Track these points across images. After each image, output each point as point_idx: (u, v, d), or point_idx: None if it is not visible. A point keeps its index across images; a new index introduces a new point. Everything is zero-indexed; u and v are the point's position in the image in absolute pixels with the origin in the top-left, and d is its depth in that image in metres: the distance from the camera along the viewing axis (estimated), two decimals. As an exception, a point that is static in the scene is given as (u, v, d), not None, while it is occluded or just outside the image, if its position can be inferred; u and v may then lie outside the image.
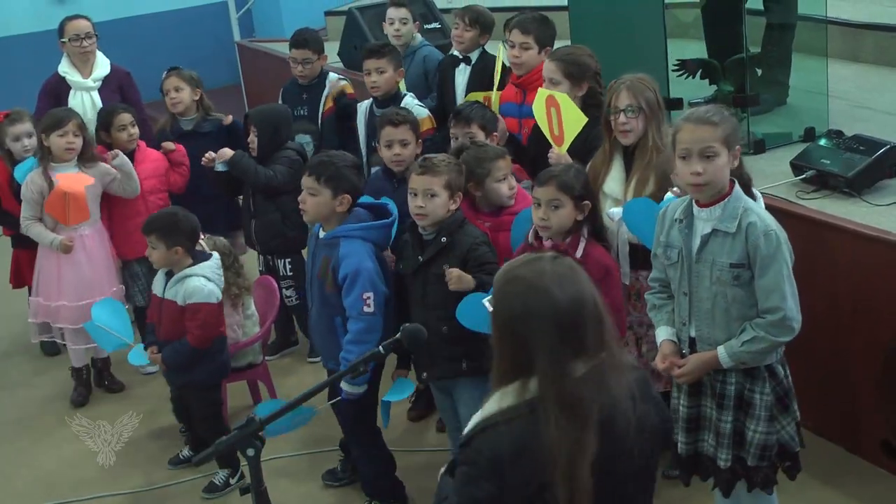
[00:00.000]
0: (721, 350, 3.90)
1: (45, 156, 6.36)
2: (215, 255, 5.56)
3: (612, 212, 4.70)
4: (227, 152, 6.39)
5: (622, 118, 4.65)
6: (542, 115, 5.11)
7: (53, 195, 6.25)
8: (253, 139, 6.37)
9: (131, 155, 6.61)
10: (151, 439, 6.07)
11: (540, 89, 5.22)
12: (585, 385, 2.61)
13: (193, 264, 5.40)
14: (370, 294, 4.77)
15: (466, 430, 2.75)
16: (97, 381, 6.82)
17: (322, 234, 4.98)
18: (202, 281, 5.36)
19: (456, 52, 6.82)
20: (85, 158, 6.39)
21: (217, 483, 5.55)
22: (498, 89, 6.24)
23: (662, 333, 4.18)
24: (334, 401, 4.63)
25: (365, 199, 5.09)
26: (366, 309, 4.78)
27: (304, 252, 5.58)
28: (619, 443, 2.66)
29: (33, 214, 6.38)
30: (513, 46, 5.95)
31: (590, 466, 2.57)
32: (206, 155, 6.47)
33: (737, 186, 3.89)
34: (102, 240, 6.53)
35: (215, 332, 5.44)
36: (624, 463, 2.69)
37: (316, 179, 4.85)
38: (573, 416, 2.58)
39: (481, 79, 6.48)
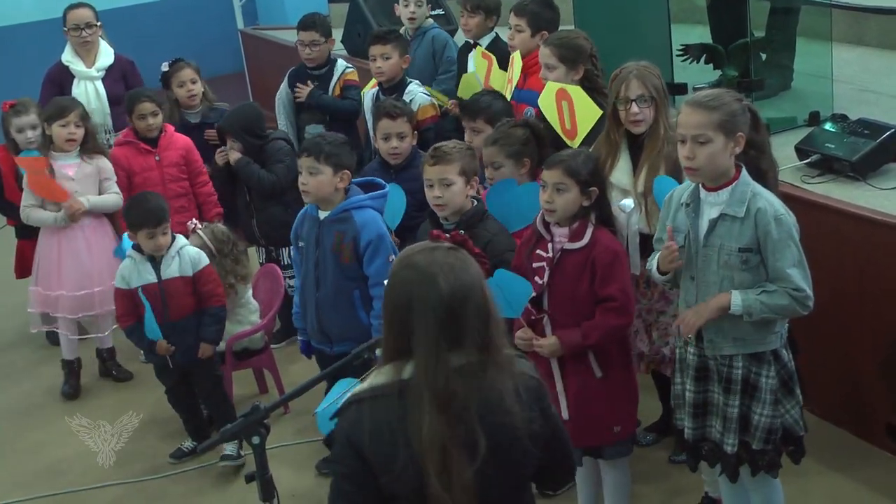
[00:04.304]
0: (736, 293, 3.83)
1: (47, 144, 6.38)
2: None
3: (623, 204, 4.67)
4: (235, 154, 6.42)
5: (634, 108, 4.58)
6: (553, 109, 5.06)
7: (34, 174, 6.27)
8: (232, 146, 6.42)
9: (156, 141, 6.59)
10: (157, 427, 6.08)
11: (549, 82, 5.17)
12: (460, 378, 2.65)
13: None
14: (393, 257, 4.91)
15: (341, 403, 2.83)
16: (103, 371, 6.82)
17: (322, 214, 5.03)
18: (193, 248, 5.57)
19: (468, 40, 6.79)
20: (87, 149, 6.39)
21: (231, 453, 5.59)
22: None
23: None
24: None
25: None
26: None
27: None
28: (493, 439, 2.69)
29: (34, 202, 6.38)
30: (510, 28, 6.00)
31: (466, 460, 2.63)
32: (218, 151, 6.55)
33: (744, 171, 3.87)
34: (105, 231, 6.51)
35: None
36: (499, 458, 2.72)
37: (315, 159, 4.94)
38: (446, 408, 2.63)
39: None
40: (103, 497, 5.56)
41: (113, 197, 6.46)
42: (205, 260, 5.55)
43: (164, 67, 6.97)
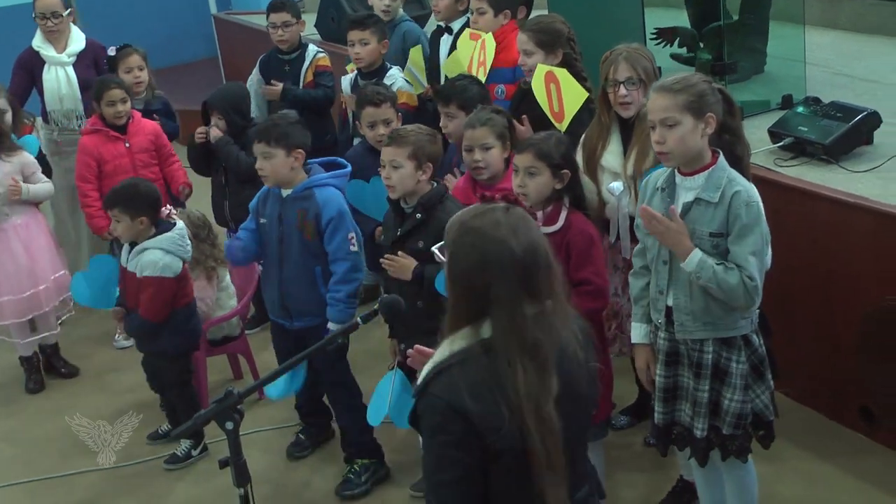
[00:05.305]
0: (697, 251, 3.80)
1: None
2: (179, 224, 5.50)
3: (612, 186, 4.64)
4: (216, 131, 6.37)
5: (622, 91, 4.55)
6: (542, 91, 5.05)
7: None
8: (216, 122, 6.35)
9: (124, 128, 6.54)
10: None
11: (539, 65, 5.16)
12: (538, 327, 2.73)
13: (156, 235, 5.36)
14: (353, 234, 5.02)
15: (420, 378, 2.83)
16: (47, 368, 6.72)
17: (284, 192, 5.09)
18: (158, 254, 5.31)
19: (441, 23, 6.76)
20: (2, 148, 6.21)
21: (179, 454, 5.59)
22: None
23: (638, 334, 4.20)
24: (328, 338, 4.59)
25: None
26: (352, 248, 5.02)
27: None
28: (570, 383, 2.79)
29: None
30: (471, 13, 6.04)
31: (555, 407, 2.70)
32: (198, 129, 6.45)
33: (721, 157, 3.87)
34: (39, 227, 6.40)
35: (167, 307, 5.39)
36: (575, 401, 2.82)
37: (266, 143, 5.01)
38: (535, 359, 2.70)
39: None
40: (79, 483, 5.55)
41: (47, 185, 6.39)
42: (151, 272, 5.29)
43: (111, 52, 6.97)
